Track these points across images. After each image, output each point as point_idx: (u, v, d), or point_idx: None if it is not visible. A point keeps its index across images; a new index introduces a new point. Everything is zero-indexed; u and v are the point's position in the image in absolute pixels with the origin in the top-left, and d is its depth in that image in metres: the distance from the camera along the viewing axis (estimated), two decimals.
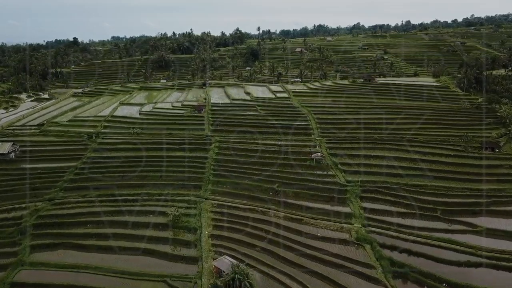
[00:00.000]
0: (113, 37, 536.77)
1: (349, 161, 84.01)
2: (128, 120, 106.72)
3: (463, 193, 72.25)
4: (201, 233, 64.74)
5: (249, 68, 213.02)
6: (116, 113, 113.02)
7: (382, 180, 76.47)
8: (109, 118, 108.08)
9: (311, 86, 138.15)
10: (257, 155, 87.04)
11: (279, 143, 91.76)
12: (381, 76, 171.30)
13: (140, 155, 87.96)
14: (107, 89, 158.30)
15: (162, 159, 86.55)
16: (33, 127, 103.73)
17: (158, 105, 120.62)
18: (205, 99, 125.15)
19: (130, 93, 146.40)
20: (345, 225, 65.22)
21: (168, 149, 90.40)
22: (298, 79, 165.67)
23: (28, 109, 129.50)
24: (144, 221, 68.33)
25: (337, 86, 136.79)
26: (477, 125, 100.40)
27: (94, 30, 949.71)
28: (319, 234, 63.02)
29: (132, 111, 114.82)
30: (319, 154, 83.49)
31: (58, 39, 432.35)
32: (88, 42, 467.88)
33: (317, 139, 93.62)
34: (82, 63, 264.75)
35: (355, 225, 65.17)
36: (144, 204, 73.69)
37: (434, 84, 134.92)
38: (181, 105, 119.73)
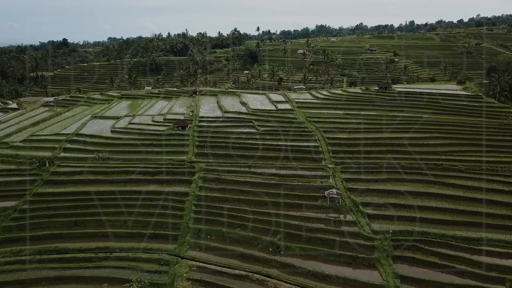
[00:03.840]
0: (109, 38, 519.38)
1: (373, 200, 64.29)
2: (95, 140, 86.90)
3: None
4: None
5: (247, 71, 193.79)
6: (83, 130, 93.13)
7: (420, 230, 56.64)
8: (73, 137, 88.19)
9: (318, 95, 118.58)
10: (252, 190, 67.31)
11: (281, 172, 72.12)
12: (405, 82, 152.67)
13: (102, 191, 68.16)
14: (84, 97, 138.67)
15: (130, 196, 66.86)
16: None
17: (136, 119, 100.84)
18: (192, 111, 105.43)
19: (109, 103, 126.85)
20: None
21: (138, 182, 70.67)
22: (302, 86, 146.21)
23: None
24: None
25: (348, 95, 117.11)
26: None
27: (94, 32, 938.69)
28: None
29: (103, 127, 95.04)
30: (334, 190, 63.74)
31: (51, 40, 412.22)
32: (82, 43, 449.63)
33: (329, 167, 73.87)
34: (66, 66, 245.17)
35: None
36: (99, 265, 54.07)
37: (462, 92, 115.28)
38: (163, 119, 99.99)
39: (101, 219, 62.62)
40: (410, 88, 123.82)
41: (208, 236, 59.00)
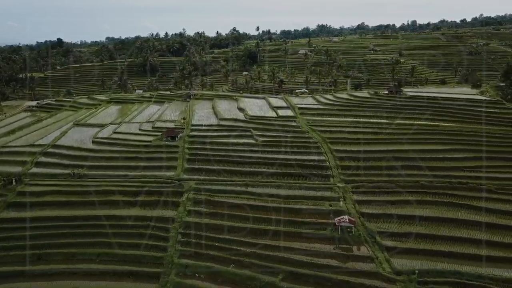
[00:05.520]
0: (107, 38, 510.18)
1: (391, 228, 54.54)
2: (73, 152, 77.15)
3: None
4: None
5: (246, 73, 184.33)
6: (61, 141, 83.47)
7: (451, 270, 46.95)
8: (49, 149, 78.48)
9: (322, 100, 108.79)
10: (249, 215, 57.59)
11: (283, 193, 62.40)
12: (418, 85, 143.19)
13: (74, 216, 58.59)
14: (70, 101, 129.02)
15: (106, 223, 57.15)
16: None
17: (122, 128, 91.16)
18: (184, 118, 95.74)
19: (96, 108, 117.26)
20: None
21: (117, 204, 60.95)
22: (304, 89, 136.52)
23: None
24: None
25: (355, 100, 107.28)
26: None
27: (94, 32, 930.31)
28: None
29: (84, 137, 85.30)
30: (346, 217, 54.01)
31: (49, 39, 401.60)
32: (80, 43, 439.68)
33: (338, 186, 64.17)
34: (58, 67, 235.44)
35: None
36: None
37: (480, 97, 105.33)
38: (152, 127, 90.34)
39: (70, 252, 53.16)
40: (422, 92, 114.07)
41: (196, 274, 49.37)
